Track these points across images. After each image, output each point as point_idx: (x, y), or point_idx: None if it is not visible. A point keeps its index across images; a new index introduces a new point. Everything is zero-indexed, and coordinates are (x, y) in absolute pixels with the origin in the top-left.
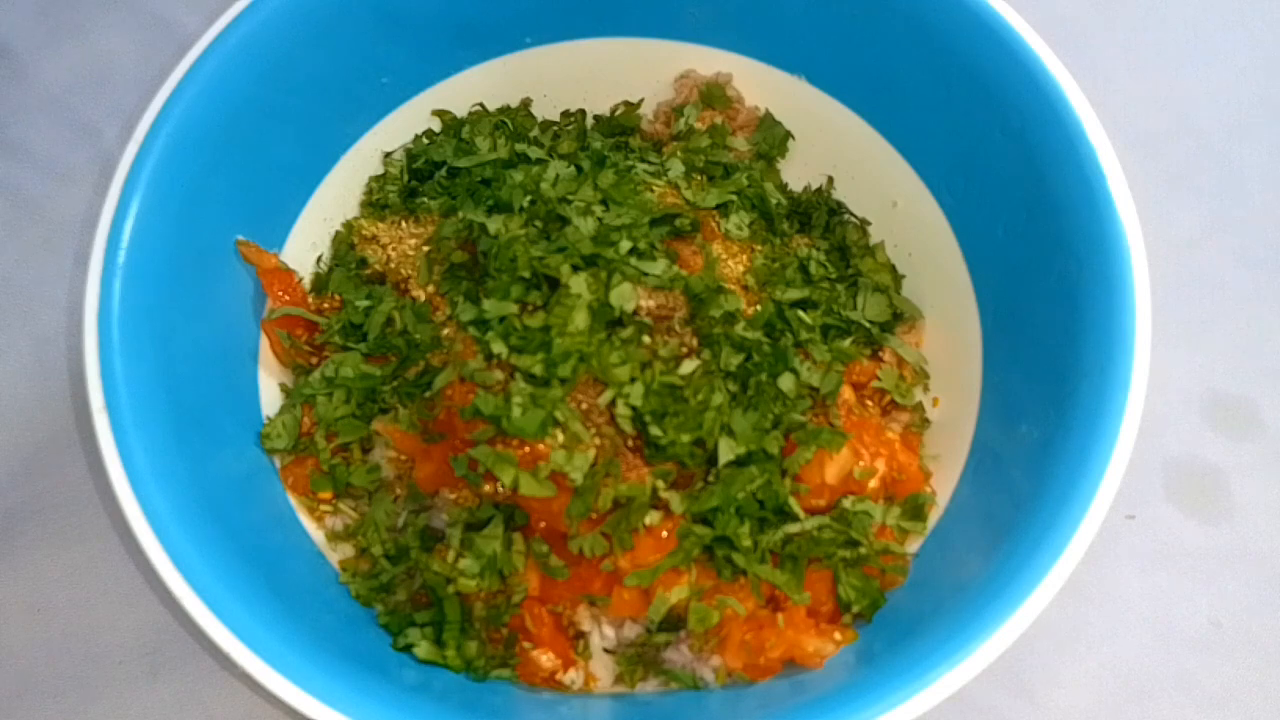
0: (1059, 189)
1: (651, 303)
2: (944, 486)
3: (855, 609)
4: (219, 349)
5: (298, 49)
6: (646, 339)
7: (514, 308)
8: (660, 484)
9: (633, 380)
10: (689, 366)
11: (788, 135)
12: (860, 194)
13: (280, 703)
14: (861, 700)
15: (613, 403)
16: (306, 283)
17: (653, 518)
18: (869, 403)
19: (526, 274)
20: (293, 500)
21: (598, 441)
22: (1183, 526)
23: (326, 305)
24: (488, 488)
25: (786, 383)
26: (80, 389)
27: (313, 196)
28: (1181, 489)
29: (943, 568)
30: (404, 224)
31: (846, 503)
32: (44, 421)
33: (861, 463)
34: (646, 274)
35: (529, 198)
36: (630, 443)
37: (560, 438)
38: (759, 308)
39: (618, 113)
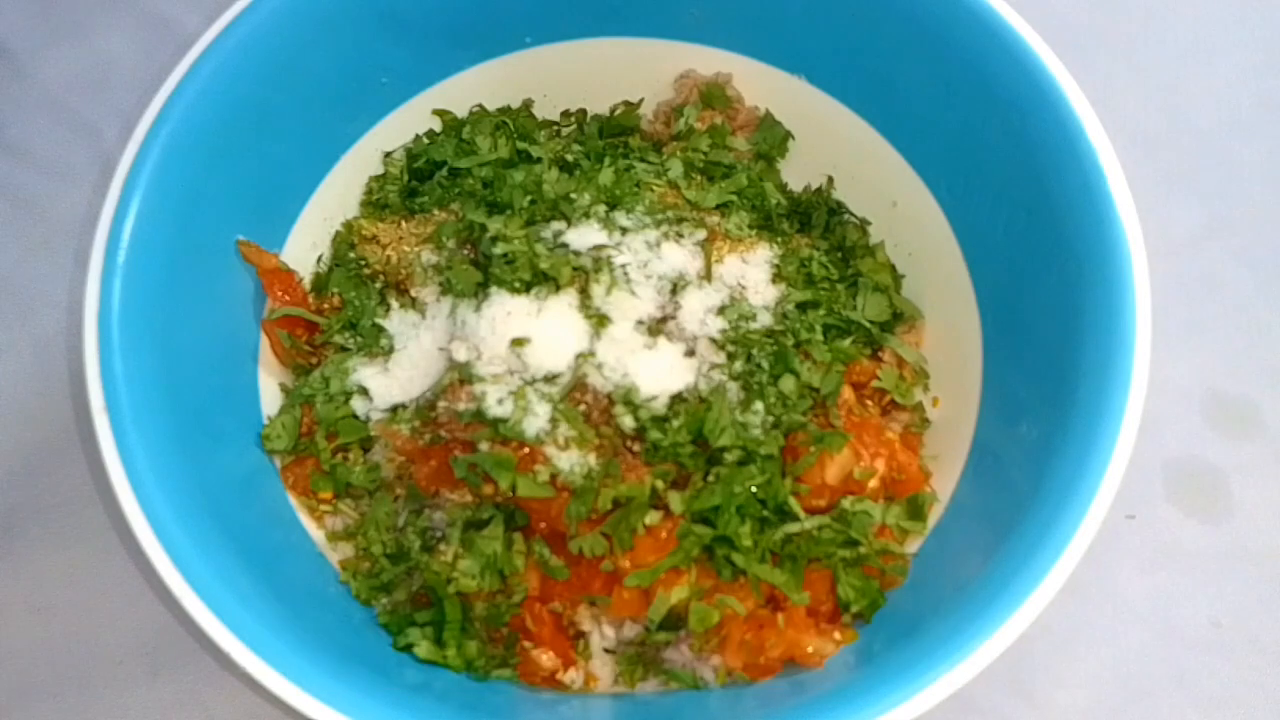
0: (1059, 189)
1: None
2: (944, 486)
3: (855, 609)
4: (219, 349)
5: (298, 49)
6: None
7: None
8: (660, 484)
9: None
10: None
11: (787, 135)
12: (860, 194)
13: (280, 703)
14: (861, 700)
15: (612, 403)
16: (307, 283)
17: (652, 518)
18: (869, 403)
19: (527, 275)
20: (293, 500)
21: (597, 442)
22: (1183, 526)
23: (327, 305)
24: (488, 489)
25: (787, 384)
26: (80, 389)
27: (313, 196)
28: (1182, 489)
29: (942, 568)
30: (404, 224)
31: (846, 503)
32: (44, 421)
33: (862, 463)
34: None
35: (529, 198)
36: (630, 443)
37: (559, 439)
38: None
39: (618, 112)
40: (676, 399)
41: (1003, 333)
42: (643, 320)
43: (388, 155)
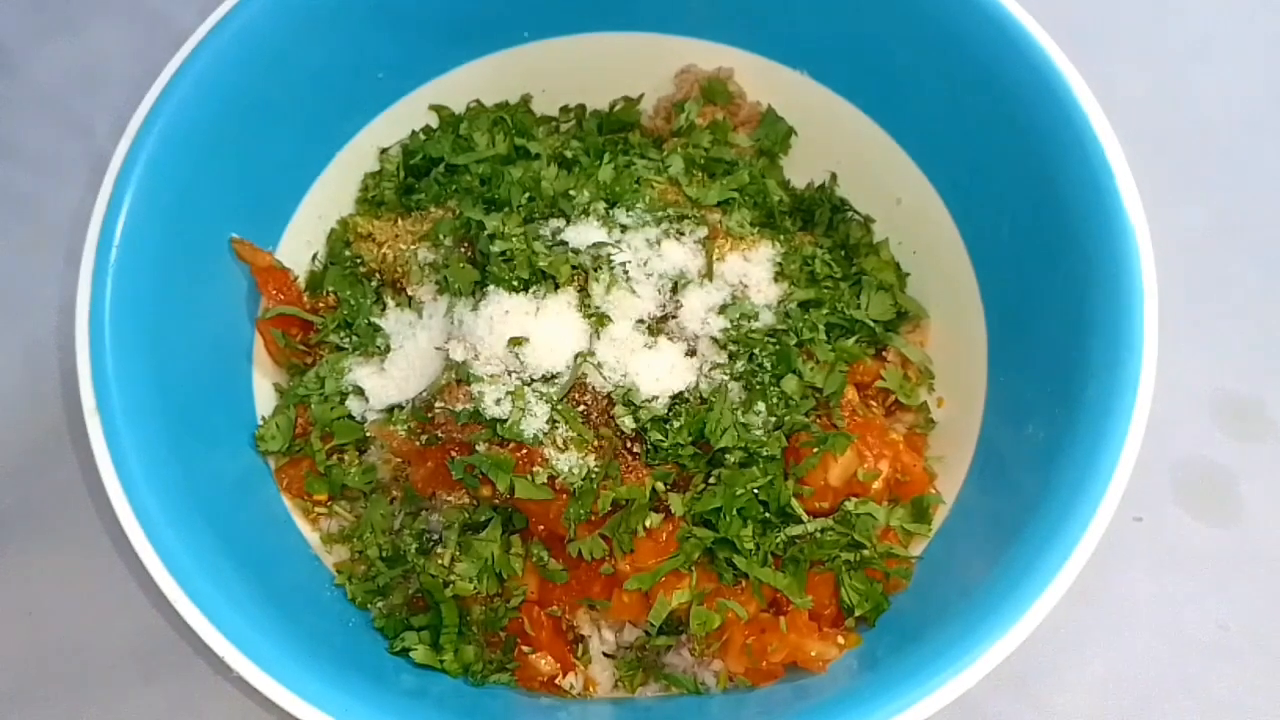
0: (1065, 186)
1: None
2: (949, 488)
3: (858, 613)
4: (213, 348)
5: (292, 44)
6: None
7: None
8: (660, 485)
9: None
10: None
11: (790, 131)
12: (864, 191)
13: (275, 707)
14: (864, 705)
15: (612, 404)
16: (301, 281)
17: (653, 520)
18: (873, 403)
19: (525, 273)
20: (287, 502)
21: (596, 443)
22: (1191, 529)
23: (322, 304)
24: (485, 491)
25: (790, 384)
26: (72, 389)
27: (308, 194)
28: (1190, 490)
29: (947, 571)
30: (400, 221)
31: (850, 505)
32: (36, 422)
33: (865, 464)
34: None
35: (527, 194)
36: (630, 444)
37: (558, 440)
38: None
39: (617, 108)
40: (677, 399)
41: (1008, 331)
42: (643, 319)
43: (384, 151)
